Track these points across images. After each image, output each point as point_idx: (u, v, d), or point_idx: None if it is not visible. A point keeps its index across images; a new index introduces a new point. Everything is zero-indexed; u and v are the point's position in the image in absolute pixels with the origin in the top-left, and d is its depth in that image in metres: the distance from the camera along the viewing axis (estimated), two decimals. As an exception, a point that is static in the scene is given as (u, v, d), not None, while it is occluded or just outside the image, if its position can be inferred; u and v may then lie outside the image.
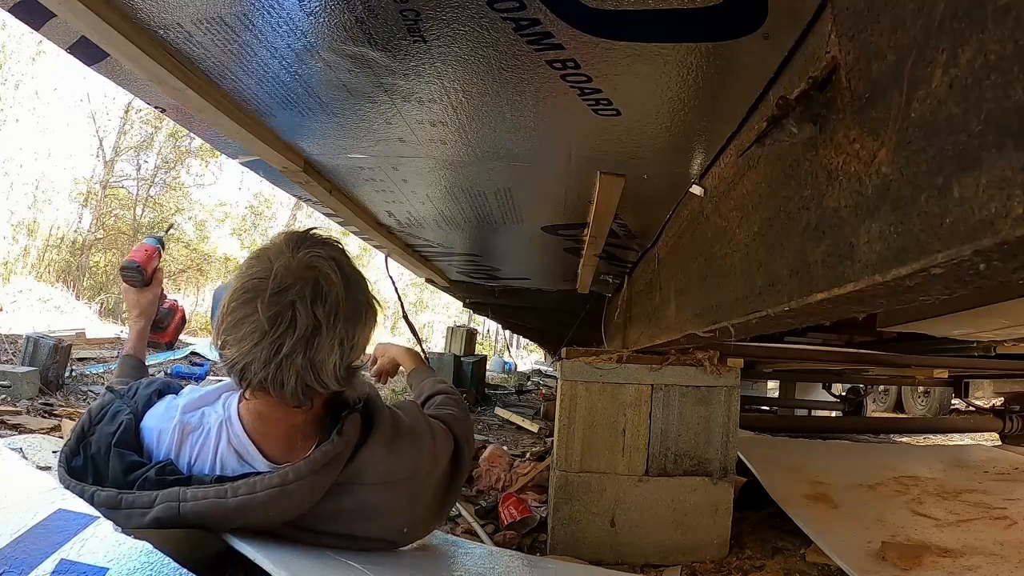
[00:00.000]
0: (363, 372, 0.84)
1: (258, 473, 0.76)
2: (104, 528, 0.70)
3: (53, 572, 0.64)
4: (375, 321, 0.81)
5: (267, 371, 0.71)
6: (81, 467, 0.78)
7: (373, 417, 0.86)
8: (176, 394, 0.88)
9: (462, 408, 1.11)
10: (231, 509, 0.73)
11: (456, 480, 1.00)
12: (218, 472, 0.78)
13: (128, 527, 0.70)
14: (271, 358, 0.70)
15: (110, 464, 0.77)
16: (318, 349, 0.72)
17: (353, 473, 0.81)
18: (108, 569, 0.65)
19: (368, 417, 0.85)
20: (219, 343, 0.75)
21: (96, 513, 0.73)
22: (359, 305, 0.77)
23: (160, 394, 0.88)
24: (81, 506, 0.75)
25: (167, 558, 0.66)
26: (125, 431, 0.80)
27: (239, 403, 0.81)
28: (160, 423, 0.81)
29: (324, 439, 0.79)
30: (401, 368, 1.31)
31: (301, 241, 0.76)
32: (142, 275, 1.26)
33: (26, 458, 1.28)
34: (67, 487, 0.74)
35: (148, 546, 0.68)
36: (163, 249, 1.30)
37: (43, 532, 0.69)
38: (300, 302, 0.71)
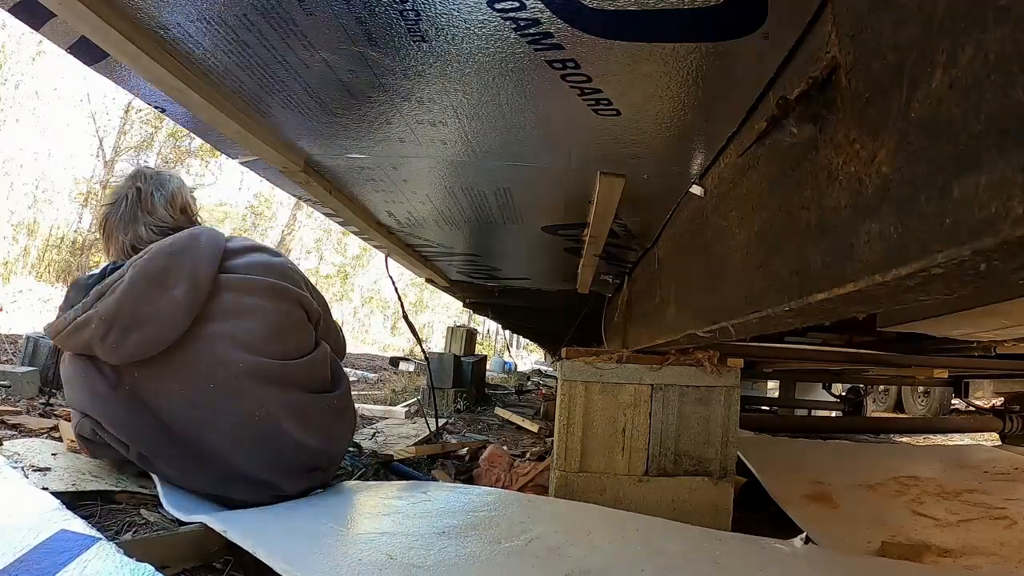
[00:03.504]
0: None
1: None
2: (106, 549, 0.70)
3: (55, 594, 0.64)
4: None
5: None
6: None
7: None
8: None
9: None
10: None
11: None
12: None
13: None
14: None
15: None
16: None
17: None
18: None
19: None
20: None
21: (98, 535, 0.72)
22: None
23: None
24: (84, 527, 0.75)
25: None
26: None
27: None
28: None
29: None
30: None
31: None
32: None
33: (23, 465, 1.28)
34: None
35: (150, 568, 0.67)
36: None
37: (45, 552, 0.68)
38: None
